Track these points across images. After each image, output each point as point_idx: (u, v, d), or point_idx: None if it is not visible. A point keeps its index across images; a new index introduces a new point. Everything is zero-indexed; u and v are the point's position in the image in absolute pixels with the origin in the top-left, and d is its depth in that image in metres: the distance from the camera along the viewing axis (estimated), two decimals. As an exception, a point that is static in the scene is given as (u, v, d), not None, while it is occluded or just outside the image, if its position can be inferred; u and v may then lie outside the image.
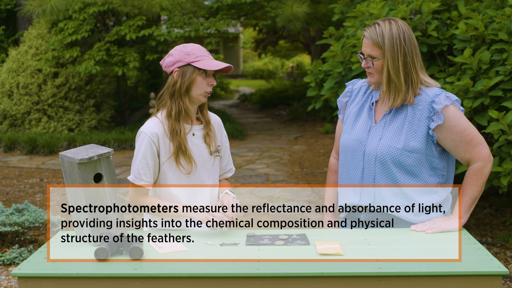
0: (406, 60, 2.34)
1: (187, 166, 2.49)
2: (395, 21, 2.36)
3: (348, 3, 5.26)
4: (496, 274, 1.94)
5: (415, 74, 2.36)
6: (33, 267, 2.03)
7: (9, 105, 10.39)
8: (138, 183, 2.46)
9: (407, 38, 2.34)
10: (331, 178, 2.72)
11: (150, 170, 2.46)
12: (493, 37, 3.87)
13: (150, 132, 2.45)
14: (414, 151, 2.35)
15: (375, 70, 2.38)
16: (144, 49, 10.66)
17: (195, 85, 2.44)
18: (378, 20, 2.39)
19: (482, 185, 2.38)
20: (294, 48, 22.84)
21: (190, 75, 2.43)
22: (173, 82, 2.45)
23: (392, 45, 2.32)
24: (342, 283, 1.95)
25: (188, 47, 2.46)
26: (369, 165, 2.41)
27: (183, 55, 2.44)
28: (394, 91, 2.37)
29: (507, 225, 5.02)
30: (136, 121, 11.75)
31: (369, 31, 2.37)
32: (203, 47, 2.49)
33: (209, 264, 2.05)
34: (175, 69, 2.44)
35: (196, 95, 2.46)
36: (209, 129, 2.55)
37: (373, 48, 2.36)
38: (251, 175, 7.72)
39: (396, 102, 2.37)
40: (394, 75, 2.34)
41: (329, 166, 2.75)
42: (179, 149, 2.46)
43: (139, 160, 2.46)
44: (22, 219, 4.35)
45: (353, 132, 2.49)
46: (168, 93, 2.47)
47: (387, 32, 2.33)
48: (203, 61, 2.44)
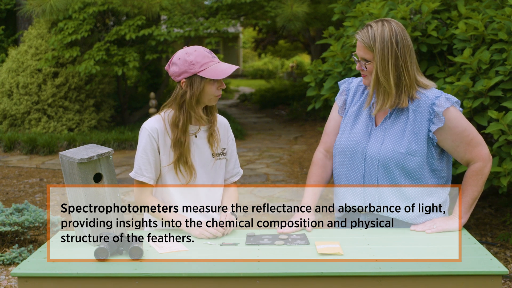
0: (398, 63, 2.30)
1: (186, 175, 2.48)
2: (388, 23, 2.33)
3: (348, 3, 5.26)
4: (496, 274, 1.94)
5: (408, 76, 2.32)
6: (33, 267, 2.03)
7: (9, 105, 10.39)
8: (139, 179, 2.45)
9: (399, 40, 2.30)
10: (316, 172, 2.56)
11: (151, 165, 2.45)
12: (493, 37, 3.87)
13: (150, 127, 2.45)
14: (417, 154, 2.35)
15: (369, 73, 2.37)
16: (144, 49, 10.66)
17: (204, 93, 2.41)
18: (372, 22, 2.36)
19: (482, 185, 2.38)
20: (294, 48, 22.84)
21: (198, 85, 2.39)
22: (182, 92, 2.42)
23: (382, 48, 2.29)
24: (342, 283, 1.95)
25: (191, 55, 2.38)
26: (371, 169, 2.40)
27: (187, 66, 2.38)
28: (383, 94, 2.34)
29: (507, 225, 5.02)
30: (136, 121, 11.74)
31: (361, 34, 2.35)
32: (205, 49, 2.43)
33: (209, 264, 2.05)
34: (183, 80, 2.40)
35: (207, 100, 2.44)
36: (213, 130, 2.52)
37: (366, 51, 2.34)
38: (251, 175, 7.72)
39: (385, 105, 2.35)
40: (383, 78, 2.31)
41: (315, 160, 2.59)
42: (180, 159, 2.44)
43: (140, 156, 2.46)
44: (22, 219, 4.35)
45: (353, 134, 2.46)
46: (177, 104, 2.43)
47: (379, 34, 2.30)
48: (209, 68, 2.38)
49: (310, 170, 2.60)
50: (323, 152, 2.60)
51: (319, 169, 2.57)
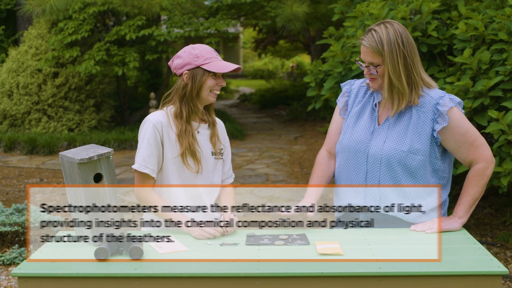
0: (407, 62, 2.33)
1: (194, 166, 2.50)
2: (390, 24, 2.34)
3: (348, 3, 5.26)
4: (496, 274, 1.94)
5: (417, 74, 2.35)
6: (33, 267, 2.03)
7: (9, 105, 10.39)
8: (143, 170, 2.45)
9: (405, 40, 2.32)
10: (319, 168, 2.58)
11: (154, 158, 2.46)
12: (493, 37, 3.87)
13: (154, 119, 2.47)
14: (419, 153, 2.35)
15: (379, 76, 2.37)
16: (144, 49, 10.66)
17: (205, 87, 2.46)
18: (373, 26, 2.37)
19: (484, 186, 2.38)
20: (294, 48, 22.83)
21: (200, 78, 2.45)
22: (183, 84, 2.48)
23: (391, 51, 2.30)
24: (342, 283, 1.95)
25: (197, 49, 2.47)
26: (374, 167, 2.40)
27: (192, 58, 2.45)
28: (398, 96, 2.36)
29: (507, 225, 5.02)
30: (136, 121, 11.74)
31: (367, 39, 2.34)
32: (210, 48, 2.50)
33: (209, 264, 2.05)
34: (185, 72, 2.46)
35: (205, 95, 2.49)
36: (215, 130, 2.57)
37: (374, 56, 2.34)
38: (251, 175, 7.72)
39: (401, 106, 2.36)
40: (396, 80, 2.32)
41: (318, 160, 2.63)
42: (188, 150, 2.46)
43: (144, 147, 2.46)
44: (22, 219, 4.35)
45: (355, 133, 2.47)
46: (178, 95, 2.49)
47: (385, 37, 2.31)
48: (212, 63, 2.45)
49: (313, 168, 2.64)
50: (326, 153, 2.64)
51: (322, 166, 2.60)
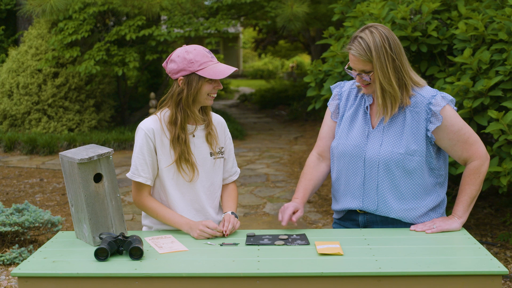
0: (396, 65, 2.32)
1: (189, 173, 2.47)
2: (375, 28, 2.33)
3: (348, 3, 5.26)
4: (496, 274, 1.95)
5: (406, 74, 2.35)
6: (33, 267, 2.03)
7: (9, 105, 10.39)
8: (136, 179, 2.44)
9: (391, 43, 2.31)
10: (308, 171, 2.56)
11: (147, 166, 2.44)
12: (493, 37, 3.87)
13: (146, 127, 2.44)
14: (416, 154, 2.35)
15: (373, 82, 2.37)
16: (144, 49, 10.66)
17: (201, 92, 2.42)
18: (358, 33, 2.35)
19: (480, 183, 2.39)
20: (294, 48, 22.83)
21: (196, 84, 2.39)
22: (179, 90, 2.42)
23: (379, 56, 2.29)
24: (342, 283, 1.95)
25: (191, 54, 2.39)
26: (371, 171, 2.40)
27: (186, 64, 2.39)
28: (390, 100, 2.35)
29: (507, 225, 5.02)
30: (136, 121, 11.74)
31: (355, 47, 2.33)
32: (204, 49, 2.44)
33: (209, 264, 2.05)
34: (180, 78, 2.41)
35: (202, 100, 2.44)
36: (211, 129, 2.53)
37: (364, 63, 2.33)
38: (251, 175, 7.72)
39: (394, 110, 2.36)
40: (387, 85, 2.32)
41: (308, 162, 2.60)
42: (182, 157, 2.44)
43: (136, 156, 2.45)
44: (22, 219, 4.35)
45: (350, 137, 2.46)
46: (174, 101, 2.43)
47: (372, 43, 2.30)
48: (208, 68, 2.39)
49: (302, 171, 2.62)
50: (316, 155, 2.62)
51: (311, 169, 2.58)
